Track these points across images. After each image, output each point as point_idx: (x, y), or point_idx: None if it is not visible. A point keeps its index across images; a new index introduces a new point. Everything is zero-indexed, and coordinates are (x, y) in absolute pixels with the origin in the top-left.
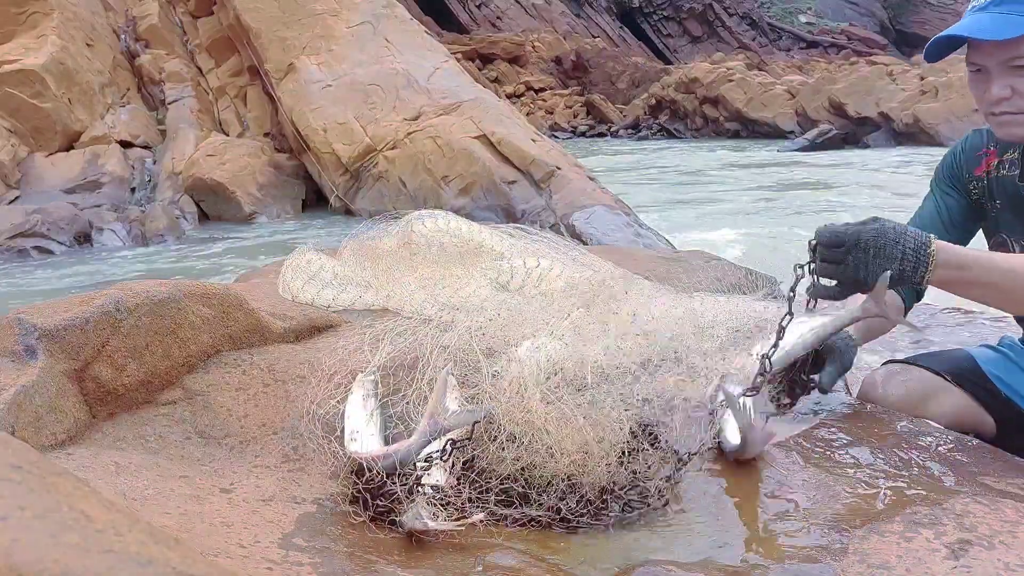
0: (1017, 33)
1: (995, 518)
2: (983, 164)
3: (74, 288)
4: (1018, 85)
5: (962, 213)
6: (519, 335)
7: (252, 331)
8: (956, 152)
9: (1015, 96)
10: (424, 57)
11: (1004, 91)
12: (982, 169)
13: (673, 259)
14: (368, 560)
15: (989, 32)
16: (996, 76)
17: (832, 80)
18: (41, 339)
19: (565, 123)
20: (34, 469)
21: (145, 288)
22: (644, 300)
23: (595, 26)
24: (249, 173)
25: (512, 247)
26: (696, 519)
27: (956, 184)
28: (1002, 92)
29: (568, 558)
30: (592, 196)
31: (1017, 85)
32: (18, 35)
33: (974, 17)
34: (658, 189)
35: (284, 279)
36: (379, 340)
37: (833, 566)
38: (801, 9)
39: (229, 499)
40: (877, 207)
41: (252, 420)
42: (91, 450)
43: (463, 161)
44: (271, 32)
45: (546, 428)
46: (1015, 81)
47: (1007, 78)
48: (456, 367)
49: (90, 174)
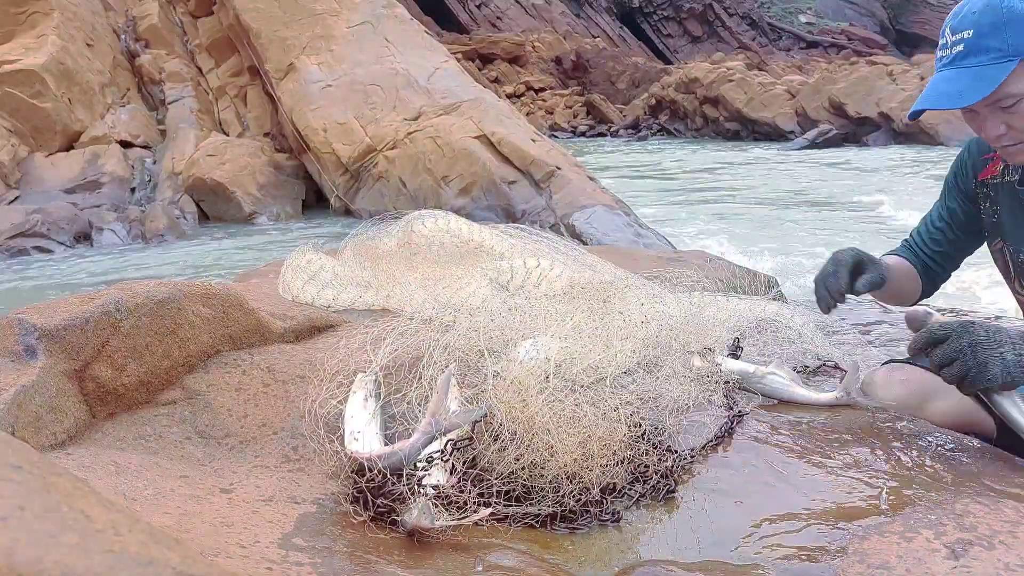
0: (981, 96)
1: (995, 518)
2: (988, 168)
3: (74, 288)
4: (1011, 121)
5: (967, 217)
6: (520, 335)
7: (252, 331)
8: (962, 157)
9: (1011, 131)
10: (424, 57)
11: (999, 129)
12: (987, 173)
13: (673, 259)
14: (368, 560)
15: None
16: (988, 117)
17: (832, 80)
18: (41, 339)
19: (565, 123)
20: (34, 469)
21: (145, 288)
22: (645, 301)
23: (595, 26)
24: (249, 173)
25: (512, 247)
26: (696, 519)
27: (962, 188)
28: (998, 130)
29: (568, 558)
30: (592, 196)
31: (1010, 121)
32: (18, 35)
33: (941, 77)
34: (658, 189)
35: (284, 279)
36: (381, 340)
37: (833, 566)
38: (801, 9)
39: (229, 499)
40: (873, 202)
41: (252, 420)
42: (91, 450)
43: (463, 161)
44: (271, 32)
45: (547, 427)
46: (1007, 118)
47: (998, 117)
48: (457, 367)
49: (90, 174)
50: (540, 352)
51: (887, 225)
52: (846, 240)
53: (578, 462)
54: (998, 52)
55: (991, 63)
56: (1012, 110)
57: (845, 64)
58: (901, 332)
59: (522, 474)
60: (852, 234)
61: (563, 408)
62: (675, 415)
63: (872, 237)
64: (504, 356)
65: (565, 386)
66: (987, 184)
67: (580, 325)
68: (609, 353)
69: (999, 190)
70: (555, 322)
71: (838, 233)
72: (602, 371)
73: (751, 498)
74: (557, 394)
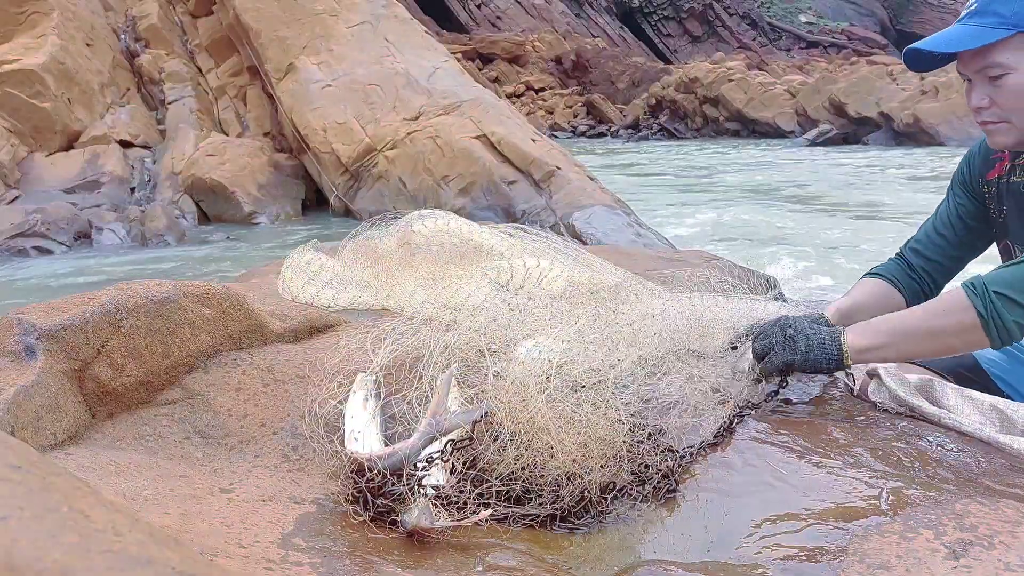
0: (972, 45)
1: (995, 518)
2: (996, 168)
3: (74, 288)
4: (995, 95)
5: (973, 217)
6: (520, 335)
7: (252, 331)
8: (972, 154)
9: (993, 106)
10: (424, 57)
11: (983, 101)
12: (995, 173)
13: (673, 259)
14: (368, 560)
15: (946, 45)
16: (976, 86)
17: (832, 80)
18: (41, 339)
19: (565, 123)
20: (34, 469)
21: (145, 288)
22: (646, 301)
23: (595, 26)
24: (249, 173)
25: (512, 247)
26: (696, 519)
27: (968, 187)
28: (980, 102)
29: (568, 558)
30: (592, 196)
31: (994, 95)
32: (18, 35)
33: (949, 29)
34: (658, 189)
35: (284, 279)
36: (381, 340)
37: (833, 566)
38: (801, 9)
39: (229, 499)
40: (873, 202)
41: (252, 420)
42: (91, 450)
43: (463, 161)
44: (271, 32)
45: (547, 427)
46: (992, 91)
47: (985, 88)
48: (458, 367)
49: (90, 174)
50: (542, 353)
51: (887, 225)
52: (846, 240)
53: (578, 462)
54: (1000, 18)
55: (990, 26)
56: (999, 83)
57: (845, 64)
58: None
59: (522, 474)
60: (852, 234)
61: (563, 408)
62: (677, 415)
63: (872, 237)
64: (505, 356)
65: (566, 386)
66: (994, 184)
67: (584, 330)
68: (612, 357)
69: (1005, 190)
70: (559, 324)
71: (838, 233)
72: (604, 373)
73: (751, 498)
74: (557, 394)
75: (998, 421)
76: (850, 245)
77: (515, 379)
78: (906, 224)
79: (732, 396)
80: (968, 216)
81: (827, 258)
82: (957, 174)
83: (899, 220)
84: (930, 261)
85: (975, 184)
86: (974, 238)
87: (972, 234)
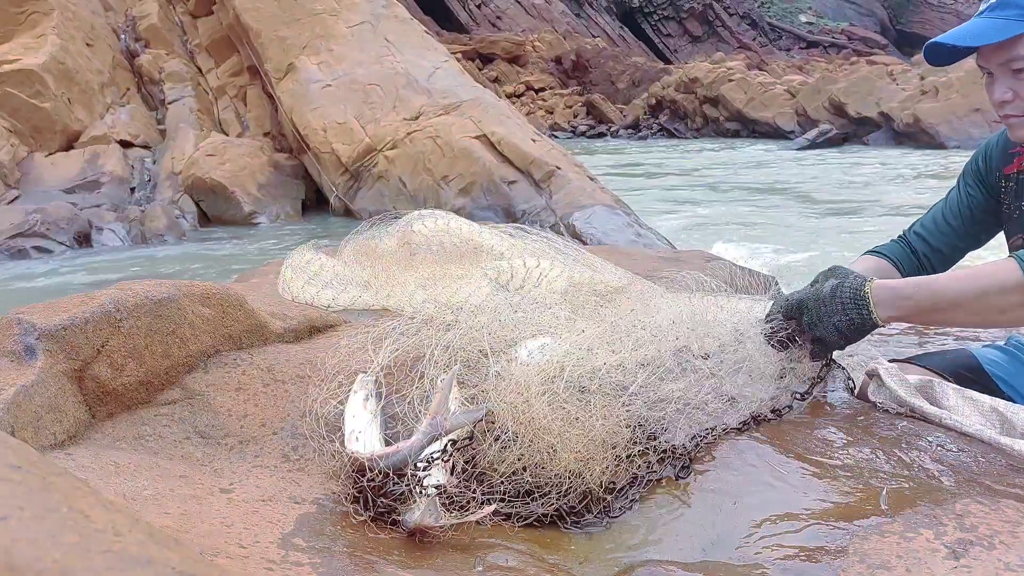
0: (997, 38)
1: (995, 518)
2: (1015, 163)
3: (74, 288)
4: (1019, 88)
5: (983, 210)
6: (521, 335)
7: (252, 331)
8: (988, 148)
9: (1017, 99)
10: (424, 57)
11: (1006, 94)
12: (1013, 168)
13: (673, 259)
14: (368, 560)
15: (970, 39)
16: (998, 79)
17: (832, 80)
18: (40, 339)
19: (565, 123)
20: (34, 469)
21: (145, 288)
22: (646, 302)
23: (595, 26)
24: (249, 173)
25: (512, 247)
26: (697, 519)
27: (981, 181)
28: (1004, 95)
29: (568, 558)
30: (592, 196)
31: (1018, 88)
32: (18, 35)
33: (969, 22)
34: (658, 189)
35: (284, 279)
36: (381, 340)
37: (833, 566)
38: (801, 9)
39: (229, 499)
40: (873, 202)
41: (252, 420)
42: (90, 450)
43: (463, 161)
44: (271, 32)
45: (549, 427)
46: (1015, 84)
47: (1007, 80)
48: (459, 367)
49: (90, 174)
50: (544, 353)
51: (886, 225)
52: (846, 240)
53: (579, 462)
54: (1023, 10)
55: (1013, 19)
56: (1023, 76)
57: (845, 64)
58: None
59: (523, 474)
60: (852, 234)
61: (565, 408)
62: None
63: (872, 237)
64: (506, 356)
65: (569, 386)
66: (1012, 179)
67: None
68: (614, 358)
69: (1023, 185)
70: (563, 326)
71: (838, 232)
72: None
73: (751, 498)
74: (560, 394)
75: (998, 423)
76: (850, 245)
77: (516, 379)
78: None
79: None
80: (978, 208)
81: (827, 258)
82: (971, 165)
83: (899, 220)
84: (932, 248)
85: (991, 178)
86: (980, 230)
87: (979, 226)
